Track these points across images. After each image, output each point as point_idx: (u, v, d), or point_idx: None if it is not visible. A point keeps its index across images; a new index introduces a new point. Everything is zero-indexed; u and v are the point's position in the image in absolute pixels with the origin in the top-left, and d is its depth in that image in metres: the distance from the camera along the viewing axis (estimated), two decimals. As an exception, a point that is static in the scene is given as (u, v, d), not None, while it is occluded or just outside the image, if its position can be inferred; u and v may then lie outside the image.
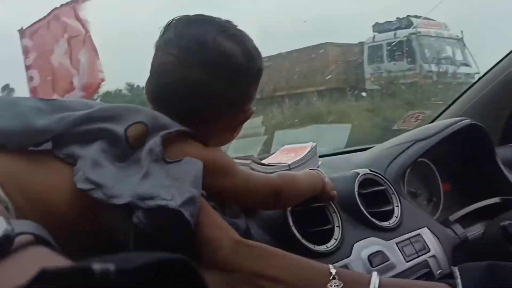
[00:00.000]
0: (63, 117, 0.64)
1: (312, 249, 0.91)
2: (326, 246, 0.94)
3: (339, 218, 1.00)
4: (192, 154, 0.70)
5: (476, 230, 1.26)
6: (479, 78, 1.74)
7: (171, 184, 0.63)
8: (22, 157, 0.61)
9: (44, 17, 2.59)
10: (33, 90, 2.55)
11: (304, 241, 0.92)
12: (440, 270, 1.05)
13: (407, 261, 1.01)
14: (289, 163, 1.21)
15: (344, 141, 1.95)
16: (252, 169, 1.13)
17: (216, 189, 0.75)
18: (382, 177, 1.16)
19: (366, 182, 1.12)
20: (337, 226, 0.99)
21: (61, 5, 2.54)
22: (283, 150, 1.36)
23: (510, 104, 1.72)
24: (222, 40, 0.75)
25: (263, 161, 1.24)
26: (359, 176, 1.11)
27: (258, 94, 0.86)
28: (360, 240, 0.99)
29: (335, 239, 0.96)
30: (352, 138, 2.00)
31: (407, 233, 1.08)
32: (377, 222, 1.05)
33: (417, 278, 1.00)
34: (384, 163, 1.30)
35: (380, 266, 0.95)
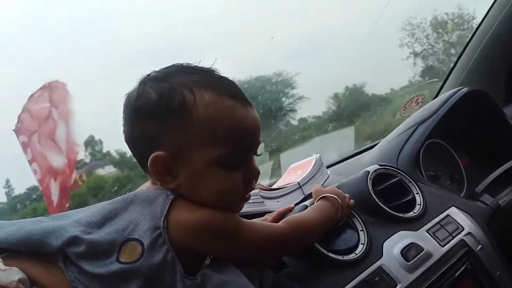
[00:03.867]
0: None
1: (341, 260, 0.88)
2: (355, 253, 0.90)
3: (361, 222, 0.97)
4: (183, 219, 0.68)
5: (507, 195, 1.21)
6: (467, 44, 1.71)
7: None
8: None
9: (23, 111, 2.64)
10: (40, 182, 2.57)
11: (331, 254, 0.88)
12: (480, 246, 1.00)
13: (443, 246, 0.97)
14: (298, 181, 1.19)
15: (351, 144, 1.91)
16: (262, 197, 1.11)
17: (216, 254, 0.73)
18: (394, 169, 1.12)
19: (379, 178, 1.09)
20: (361, 231, 0.95)
21: (31, 95, 2.58)
22: (290, 170, 1.34)
23: (505, 60, 1.68)
24: (144, 87, 0.73)
25: (273, 186, 1.22)
26: (370, 174, 1.07)
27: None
28: (388, 237, 0.95)
29: (362, 244, 0.92)
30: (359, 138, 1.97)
31: (435, 217, 1.04)
32: (400, 215, 1.01)
33: (458, 259, 0.95)
34: (394, 154, 1.26)
35: (416, 258, 0.91)
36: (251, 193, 1.09)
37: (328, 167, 1.39)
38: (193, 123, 0.69)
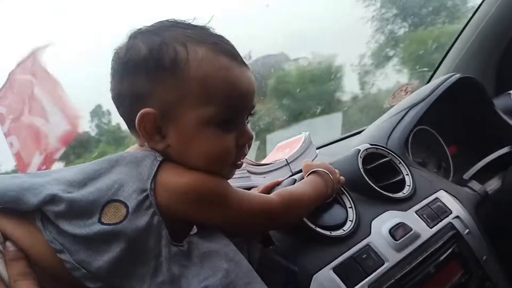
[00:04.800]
0: None
1: (329, 235, 0.86)
2: (343, 230, 0.88)
3: (350, 199, 0.95)
4: (171, 182, 0.64)
5: (494, 183, 1.21)
6: (459, 33, 1.70)
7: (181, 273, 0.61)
8: None
9: (6, 81, 2.56)
10: (16, 156, 2.50)
11: (319, 229, 0.86)
12: (467, 230, 0.99)
13: (431, 227, 0.95)
14: (286, 157, 1.16)
15: (338, 129, 1.90)
16: (249, 171, 1.08)
17: (204, 220, 0.68)
18: (384, 149, 1.10)
19: (370, 157, 1.07)
20: (349, 208, 0.93)
21: (16, 66, 2.51)
22: (278, 148, 1.32)
23: (497, 50, 1.67)
24: (134, 40, 0.69)
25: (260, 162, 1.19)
26: (360, 152, 1.05)
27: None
28: (377, 216, 0.94)
29: (350, 221, 0.90)
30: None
31: (424, 199, 1.02)
32: (390, 194, 1.00)
33: (446, 242, 0.94)
34: (384, 137, 1.24)
35: (404, 238, 0.89)
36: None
37: (316, 148, 1.36)
38: (185, 80, 0.65)
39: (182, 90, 0.65)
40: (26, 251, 0.59)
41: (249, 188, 1.03)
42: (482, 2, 1.61)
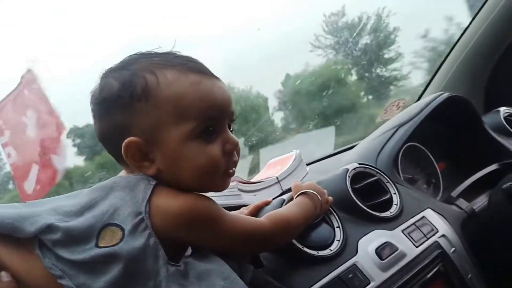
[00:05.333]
0: None
1: (316, 255, 0.87)
2: (330, 249, 0.90)
3: (337, 218, 0.97)
4: (164, 205, 0.66)
5: (481, 201, 1.23)
6: (451, 50, 1.72)
7: None
8: None
9: (10, 93, 2.59)
10: (13, 167, 2.51)
11: (306, 249, 0.88)
12: (453, 248, 1.01)
13: (417, 246, 0.97)
14: (277, 175, 1.18)
15: (331, 143, 1.92)
16: (240, 189, 1.10)
17: (197, 242, 0.71)
18: (372, 168, 1.13)
19: (358, 176, 1.09)
20: (337, 227, 0.95)
21: (21, 78, 2.55)
22: (269, 165, 1.33)
23: (486, 69, 1.70)
24: (106, 79, 0.72)
25: (251, 180, 1.21)
26: (349, 171, 1.07)
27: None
28: (364, 235, 0.95)
29: (337, 240, 0.92)
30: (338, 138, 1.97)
31: (411, 218, 1.04)
32: (377, 214, 1.02)
33: (431, 261, 0.96)
34: (373, 155, 1.27)
35: (390, 257, 0.91)
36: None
37: (307, 164, 1.38)
38: (159, 104, 0.68)
39: (158, 113, 0.68)
40: (22, 277, 0.61)
41: (239, 206, 1.05)
42: (470, 23, 1.64)
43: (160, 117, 0.68)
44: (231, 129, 0.75)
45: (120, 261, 0.60)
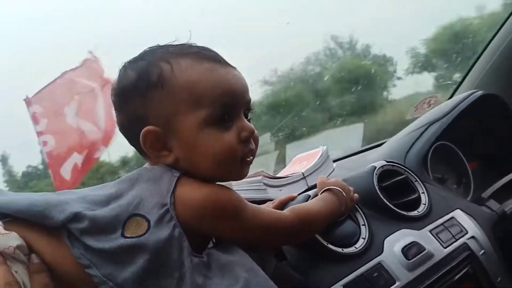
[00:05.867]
0: None
1: (340, 252, 0.87)
2: (355, 247, 0.89)
3: (363, 216, 0.95)
4: (188, 196, 0.66)
5: (513, 203, 1.19)
6: (484, 48, 1.67)
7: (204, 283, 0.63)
8: None
9: (53, 81, 2.66)
10: (48, 155, 2.59)
11: (330, 246, 0.87)
12: (483, 251, 0.98)
13: (445, 247, 0.95)
14: (303, 171, 1.17)
15: (359, 141, 1.89)
16: (265, 184, 1.10)
17: (219, 234, 0.71)
18: (401, 166, 1.10)
19: (385, 174, 1.07)
20: (362, 225, 0.94)
21: (71, 69, 2.61)
22: (295, 160, 1.33)
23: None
24: (124, 70, 0.74)
25: (277, 175, 1.20)
26: (376, 169, 1.06)
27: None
28: (390, 234, 0.94)
29: (363, 238, 0.91)
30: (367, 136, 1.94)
31: (439, 218, 1.02)
32: (404, 212, 1.00)
33: (459, 262, 0.94)
34: (402, 153, 1.24)
35: (416, 257, 0.89)
36: (253, 179, 1.09)
37: (334, 161, 1.37)
38: (174, 91, 0.68)
39: (173, 101, 0.69)
40: (50, 264, 0.63)
41: (264, 201, 1.05)
42: (506, 19, 1.59)
43: (175, 105, 0.69)
44: (249, 118, 0.75)
45: (146, 252, 0.61)
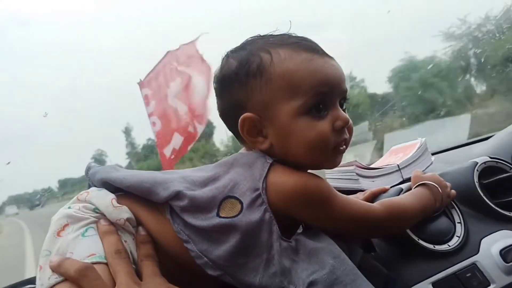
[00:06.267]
0: None
1: (432, 249, 0.85)
2: (448, 245, 0.86)
3: (459, 214, 0.92)
4: (280, 182, 0.70)
5: None
6: None
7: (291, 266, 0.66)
8: None
9: (158, 64, 2.84)
10: (157, 135, 2.78)
11: (421, 242, 0.85)
12: None
13: (551, 253, 0.88)
14: (398, 163, 1.14)
15: (465, 133, 1.78)
16: (357, 174, 1.10)
17: (308, 220, 0.73)
18: (506, 163, 1.03)
19: (488, 171, 1.01)
20: (458, 223, 0.90)
21: (171, 51, 2.76)
22: (391, 151, 1.30)
23: None
24: (226, 58, 0.78)
25: (371, 165, 1.19)
26: (478, 165, 1.00)
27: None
28: (488, 234, 0.89)
29: (457, 236, 0.88)
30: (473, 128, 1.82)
31: (547, 222, 0.94)
32: (506, 213, 0.94)
33: None
34: (509, 149, 1.15)
35: (516, 261, 0.84)
36: (346, 169, 1.09)
37: (434, 154, 1.31)
38: (273, 80, 0.71)
39: (271, 89, 0.72)
40: (154, 237, 0.70)
41: (356, 191, 1.05)
42: None
43: (273, 92, 0.72)
44: (344, 108, 0.76)
45: (238, 232, 0.66)
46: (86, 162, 0.83)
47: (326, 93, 0.72)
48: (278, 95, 0.71)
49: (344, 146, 0.76)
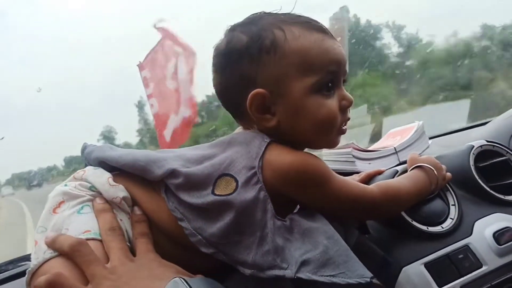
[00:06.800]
0: None
1: (425, 230, 0.85)
2: (442, 227, 0.87)
3: (454, 196, 0.92)
4: (276, 161, 0.70)
5: None
6: None
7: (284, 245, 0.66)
8: None
9: (155, 45, 2.82)
10: (155, 116, 2.77)
11: (415, 223, 0.86)
12: None
13: (544, 236, 0.88)
14: (395, 146, 1.15)
15: (463, 118, 1.78)
16: (354, 156, 1.10)
17: (304, 200, 0.74)
18: (503, 147, 1.03)
19: (484, 154, 1.01)
20: (452, 205, 0.91)
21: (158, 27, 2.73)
22: (389, 134, 1.30)
23: None
24: (233, 32, 0.77)
25: (368, 148, 1.19)
26: (474, 148, 1.00)
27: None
28: (482, 217, 0.89)
29: (451, 218, 0.88)
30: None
31: (541, 206, 0.95)
32: (501, 196, 0.94)
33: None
34: (507, 134, 1.15)
35: (509, 243, 0.84)
36: (343, 151, 1.10)
37: (432, 138, 1.32)
38: (286, 56, 0.72)
39: (284, 65, 0.72)
40: (149, 215, 0.71)
41: (351, 173, 1.05)
42: None
43: (286, 69, 0.72)
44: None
45: (232, 210, 0.66)
46: (95, 140, 0.84)
47: (335, 73, 0.74)
48: (291, 72, 0.72)
49: (345, 127, 0.77)
